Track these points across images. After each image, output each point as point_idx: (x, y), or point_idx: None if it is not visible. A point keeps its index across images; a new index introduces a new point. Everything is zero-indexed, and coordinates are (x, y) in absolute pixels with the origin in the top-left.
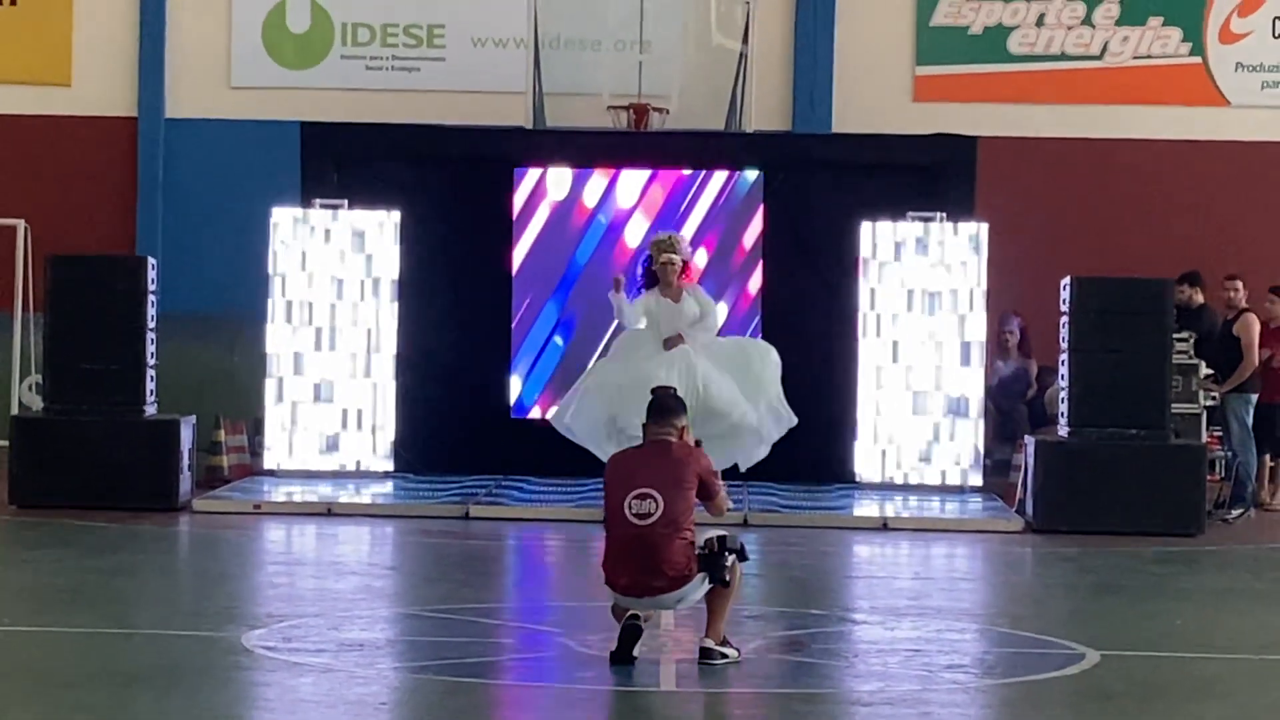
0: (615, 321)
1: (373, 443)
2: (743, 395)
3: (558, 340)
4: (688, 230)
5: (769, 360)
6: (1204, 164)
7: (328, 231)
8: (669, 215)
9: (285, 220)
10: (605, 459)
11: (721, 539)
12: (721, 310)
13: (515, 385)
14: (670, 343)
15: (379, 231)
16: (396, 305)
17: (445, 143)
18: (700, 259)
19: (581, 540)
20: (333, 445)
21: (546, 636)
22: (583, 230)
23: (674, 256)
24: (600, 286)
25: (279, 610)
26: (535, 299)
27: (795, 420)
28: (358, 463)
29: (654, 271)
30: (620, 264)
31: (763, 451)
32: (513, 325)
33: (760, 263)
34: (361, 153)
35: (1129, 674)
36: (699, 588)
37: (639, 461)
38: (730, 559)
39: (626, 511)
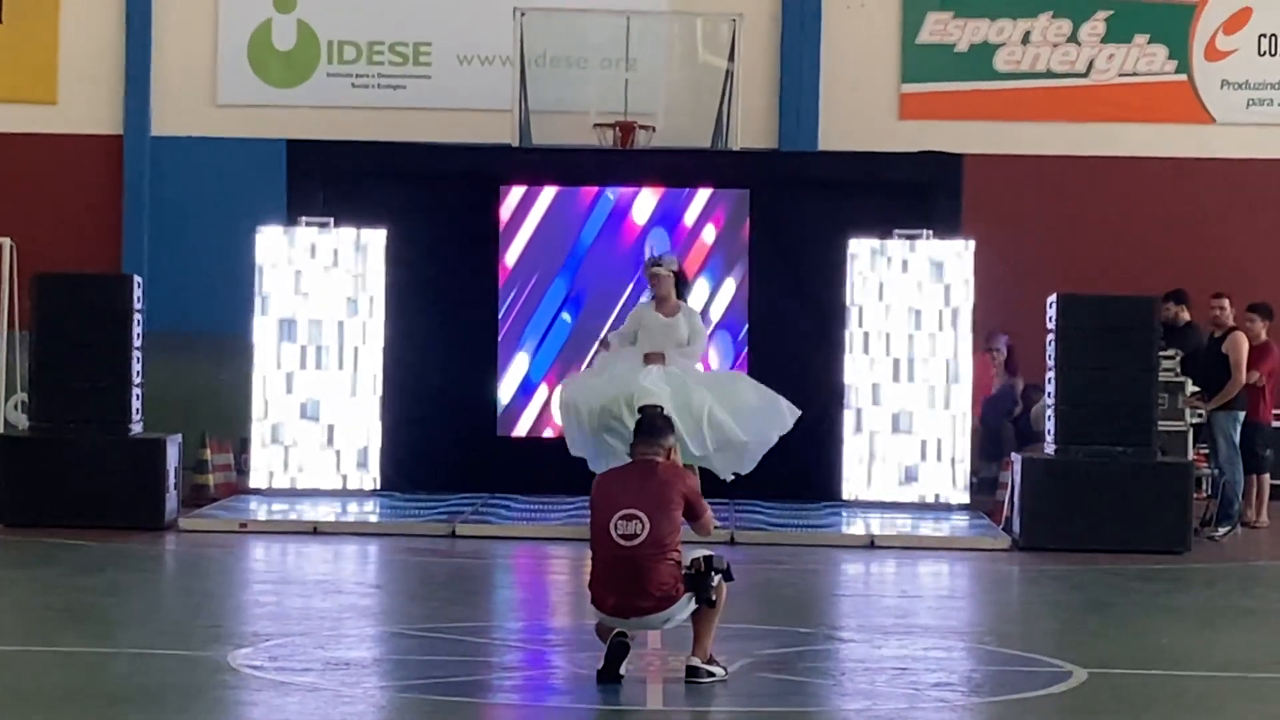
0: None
1: (359, 461)
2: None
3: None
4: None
5: (743, 382)
6: (1190, 181)
7: (314, 249)
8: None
9: (271, 238)
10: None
11: (708, 559)
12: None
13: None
14: (650, 358)
15: (365, 249)
16: (383, 323)
17: (431, 161)
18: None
19: (568, 558)
20: (319, 464)
21: (533, 655)
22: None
23: (660, 270)
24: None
25: (265, 629)
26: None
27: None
28: (344, 481)
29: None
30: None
31: (758, 452)
32: (510, 320)
33: (747, 280)
34: (347, 171)
35: (1116, 692)
36: (686, 608)
37: (624, 482)
38: (717, 579)
39: (613, 532)
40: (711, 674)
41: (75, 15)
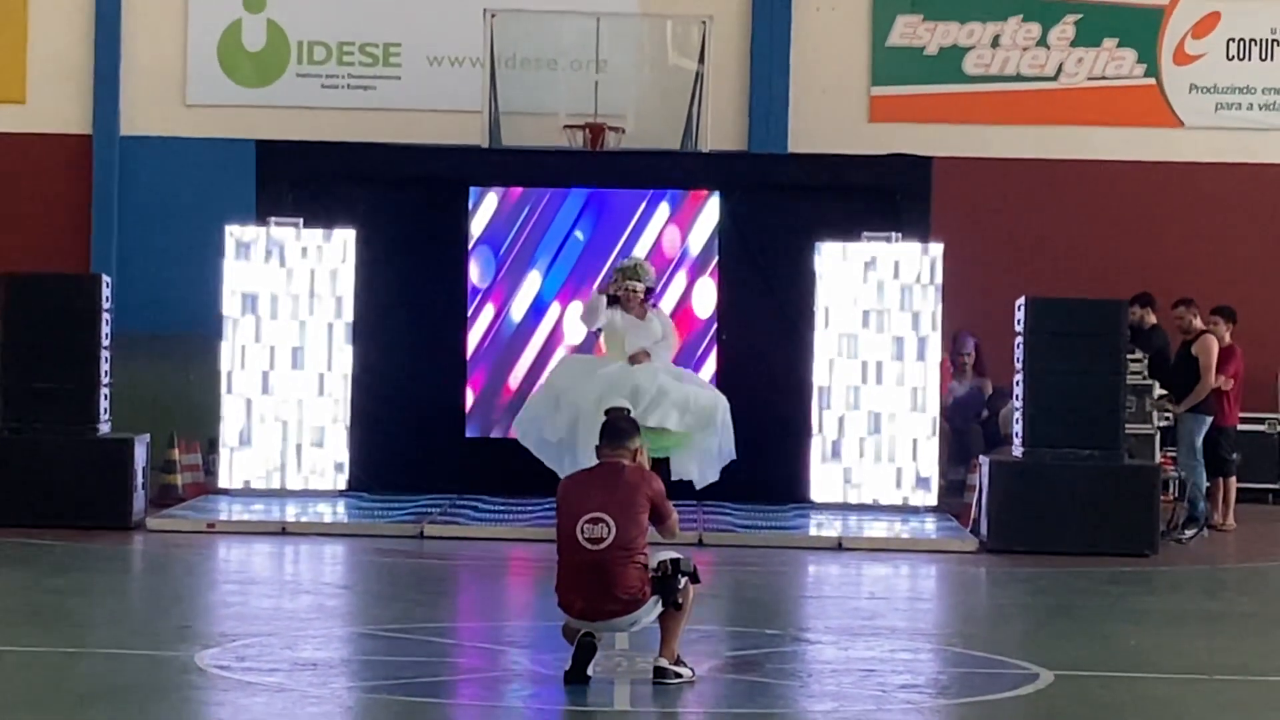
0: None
1: (328, 461)
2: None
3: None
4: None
5: (720, 406)
6: (1158, 185)
7: (283, 250)
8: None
9: (240, 239)
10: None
11: (675, 561)
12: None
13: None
14: (635, 359)
15: (334, 250)
16: (351, 324)
17: (401, 162)
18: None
19: (536, 559)
20: (287, 464)
21: (501, 656)
22: None
23: (636, 284)
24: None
25: (233, 629)
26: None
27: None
28: (312, 481)
29: (617, 296)
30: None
31: (710, 474)
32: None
33: (715, 282)
34: (317, 171)
35: (1083, 694)
36: (652, 610)
37: (591, 485)
38: (683, 581)
39: (579, 536)
40: (679, 675)
41: (44, 14)
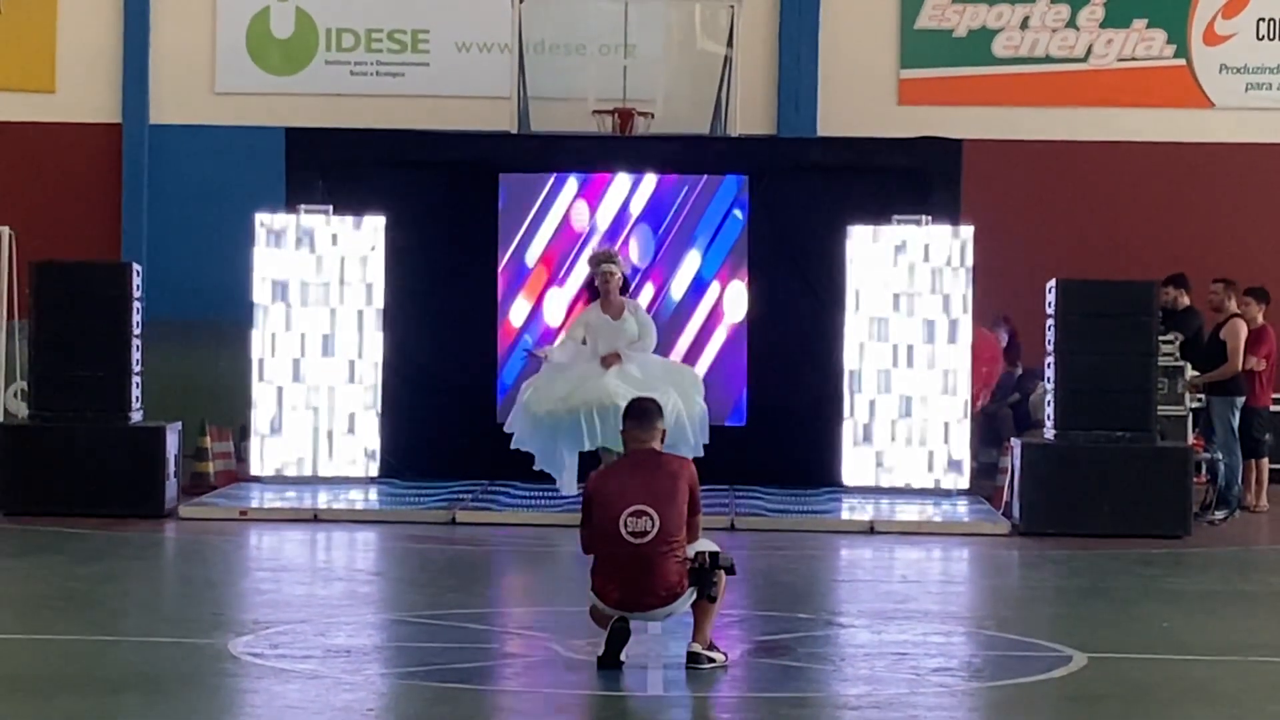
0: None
1: (359, 448)
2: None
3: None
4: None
5: (698, 385)
6: (1188, 165)
7: (313, 237)
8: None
9: (270, 226)
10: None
11: (714, 555)
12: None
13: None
14: (607, 360)
15: (364, 237)
16: (382, 311)
17: (430, 148)
18: (693, 261)
19: (567, 545)
20: (319, 451)
21: (533, 641)
22: None
23: (613, 268)
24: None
25: (265, 617)
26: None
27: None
28: (344, 469)
29: (594, 285)
30: None
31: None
32: (501, 317)
33: (745, 266)
34: (346, 158)
35: (1116, 677)
36: (687, 601)
37: (629, 477)
38: (719, 574)
39: (622, 530)
40: (712, 660)
41: (74, 3)
